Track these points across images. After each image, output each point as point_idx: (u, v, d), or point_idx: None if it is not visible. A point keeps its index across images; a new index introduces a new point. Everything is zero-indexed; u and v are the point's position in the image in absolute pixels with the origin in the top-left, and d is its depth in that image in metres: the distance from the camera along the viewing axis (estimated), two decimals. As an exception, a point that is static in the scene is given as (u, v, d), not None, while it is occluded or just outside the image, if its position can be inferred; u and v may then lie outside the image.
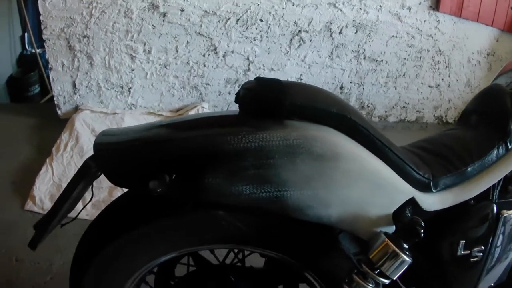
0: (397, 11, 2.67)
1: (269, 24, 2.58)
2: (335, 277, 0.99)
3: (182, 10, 2.47)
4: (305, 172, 0.85)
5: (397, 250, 0.89)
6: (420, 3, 2.67)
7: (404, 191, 0.96)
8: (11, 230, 1.87)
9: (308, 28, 2.62)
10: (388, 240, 0.90)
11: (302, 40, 2.66)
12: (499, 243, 1.09)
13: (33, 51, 3.56)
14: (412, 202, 0.96)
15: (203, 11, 2.49)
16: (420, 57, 2.87)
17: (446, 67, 2.94)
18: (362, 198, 0.91)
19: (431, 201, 0.99)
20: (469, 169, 1.05)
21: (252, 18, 2.54)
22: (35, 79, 3.58)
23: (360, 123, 0.92)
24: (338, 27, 2.64)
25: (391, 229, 0.93)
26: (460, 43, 2.87)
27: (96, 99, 2.72)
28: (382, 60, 2.83)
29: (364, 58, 2.80)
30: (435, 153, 1.10)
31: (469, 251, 1.05)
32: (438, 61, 2.91)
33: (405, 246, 0.90)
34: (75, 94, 2.68)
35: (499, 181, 1.08)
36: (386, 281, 0.93)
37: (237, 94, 0.90)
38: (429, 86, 3.02)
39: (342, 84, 2.90)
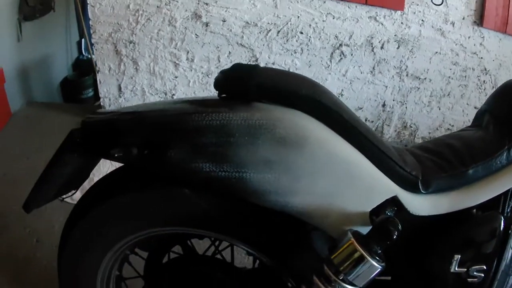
0: (440, 26, 2.60)
1: (310, 37, 2.59)
2: (304, 279, 0.91)
3: (224, 21, 2.53)
4: (266, 155, 0.81)
5: (363, 252, 0.80)
6: (463, 18, 2.59)
7: (384, 187, 0.87)
8: (40, 214, 2.01)
9: (349, 42, 2.61)
10: (355, 239, 0.81)
11: (343, 54, 2.65)
12: (505, 265, 0.92)
13: (89, 56, 3.76)
14: (394, 202, 0.86)
15: (245, 22, 2.55)
16: (465, 76, 2.77)
17: (493, 87, 2.82)
18: (332, 190, 0.84)
19: (421, 204, 0.89)
20: (470, 171, 0.91)
21: (292, 30, 2.57)
22: (89, 83, 3.78)
23: (333, 107, 0.85)
24: (379, 42, 2.61)
25: (368, 230, 0.84)
26: (507, 62, 2.74)
27: (140, 103, 2.83)
28: (425, 78, 2.76)
29: (407, 75, 2.74)
30: (434, 152, 0.99)
31: (465, 269, 0.90)
32: (484, 81, 2.80)
33: (376, 249, 0.81)
34: (120, 97, 2.80)
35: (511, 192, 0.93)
36: None
37: (215, 79, 0.90)
38: (475, 108, 2.90)
39: (384, 102, 2.85)
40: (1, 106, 2.90)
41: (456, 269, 0.90)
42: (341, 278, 0.81)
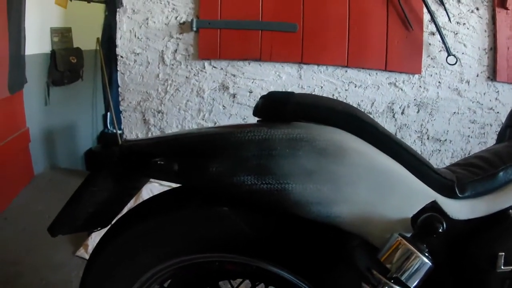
0: (456, 85, 2.68)
1: (332, 104, 2.68)
2: None
3: (250, 92, 2.64)
4: (307, 166, 0.83)
5: (413, 248, 0.80)
6: (477, 75, 2.68)
7: (422, 193, 0.88)
8: (57, 268, 2.06)
9: (371, 109, 2.70)
10: (402, 238, 0.81)
11: (365, 120, 2.72)
12: None
13: (114, 131, 3.86)
14: (434, 207, 0.88)
15: (270, 92, 2.65)
16: (484, 133, 2.83)
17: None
18: (372, 198, 0.86)
19: (459, 208, 0.90)
20: (500, 173, 0.93)
21: (315, 98, 2.66)
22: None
23: (368, 120, 0.89)
24: (400, 107, 2.70)
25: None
26: (523, 114, 2.81)
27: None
28: (445, 140, 2.82)
29: (428, 138, 2.81)
30: (465, 165, 1.01)
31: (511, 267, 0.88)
32: (503, 138, 2.86)
33: (424, 247, 0.81)
34: (148, 166, 2.86)
35: None
36: None
37: (255, 105, 0.95)
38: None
39: (406, 165, 2.89)
40: (25, 166, 2.98)
41: (503, 268, 0.88)
42: (392, 280, 0.80)
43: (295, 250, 0.93)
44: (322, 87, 2.63)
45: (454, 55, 2.60)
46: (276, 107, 0.92)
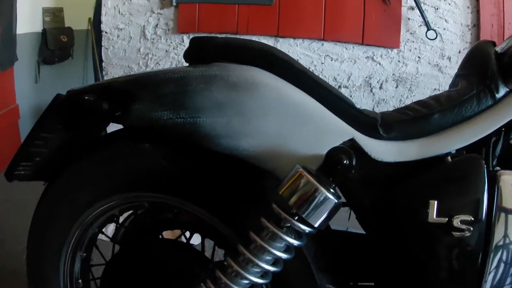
0: (437, 61, 2.65)
1: (309, 78, 2.68)
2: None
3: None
4: (219, 99, 0.85)
5: (313, 180, 0.75)
6: (460, 52, 2.63)
7: (338, 129, 0.85)
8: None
9: (347, 83, 2.69)
10: (304, 170, 0.77)
11: (342, 95, 2.72)
12: (501, 229, 0.79)
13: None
14: (352, 146, 0.83)
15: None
16: (466, 111, 2.80)
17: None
18: (282, 131, 0.84)
19: (384, 149, 0.85)
20: (436, 115, 0.86)
21: (292, 72, 2.66)
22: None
23: (284, 58, 0.90)
24: (378, 82, 2.68)
25: None
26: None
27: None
28: (426, 115, 2.79)
29: (408, 113, 2.78)
30: (401, 108, 0.95)
31: (447, 219, 0.79)
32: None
33: (329, 181, 0.77)
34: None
35: (494, 143, 0.87)
36: (307, 229, 0.77)
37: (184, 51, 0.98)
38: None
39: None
40: (14, 141, 3.04)
41: (435, 218, 0.80)
42: (293, 216, 0.77)
43: (211, 187, 0.94)
44: (298, 60, 2.62)
45: (434, 30, 2.57)
46: (199, 51, 0.96)
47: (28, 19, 3.30)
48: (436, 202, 0.80)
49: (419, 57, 2.65)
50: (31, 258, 1.08)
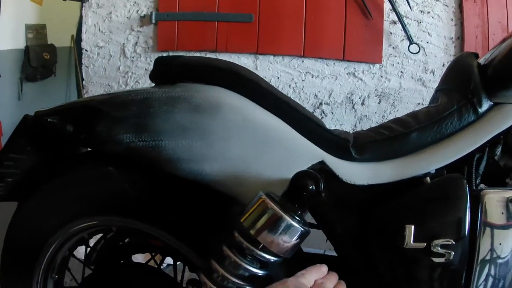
0: (420, 75, 2.61)
1: (290, 97, 2.65)
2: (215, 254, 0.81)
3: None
4: (181, 122, 0.81)
5: (277, 209, 0.70)
6: (443, 65, 2.59)
7: (306, 151, 0.80)
8: None
9: (328, 100, 2.65)
10: (267, 197, 0.72)
11: (324, 113, 2.68)
12: (486, 244, 0.74)
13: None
14: (322, 169, 0.78)
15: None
16: (451, 126, 2.77)
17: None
18: (246, 155, 0.80)
19: (356, 171, 0.81)
20: (413, 134, 0.81)
21: (274, 89, 2.63)
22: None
23: (250, 77, 0.86)
24: (360, 98, 2.65)
25: None
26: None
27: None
28: (410, 130, 2.76)
29: (391, 128, 2.74)
30: (376, 128, 0.89)
31: (425, 244, 0.74)
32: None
33: (294, 208, 0.72)
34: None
35: (478, 161, 0.80)
36: (272, 258, 0.72)
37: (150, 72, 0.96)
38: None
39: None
40: None
41: (412, 243, 0.74)
42: (257, 245, 0.72)
43: (176, 213, 0.91)
44: (278, 78, 2.59)
45: (417, 44, 2.54)
46: (163, 71, 0.93)
47: (10, 36, 3.29)
48: (413, 226, 0.75)
49: (402, 71, 2.62)
50: (4, 280, 1.05)
